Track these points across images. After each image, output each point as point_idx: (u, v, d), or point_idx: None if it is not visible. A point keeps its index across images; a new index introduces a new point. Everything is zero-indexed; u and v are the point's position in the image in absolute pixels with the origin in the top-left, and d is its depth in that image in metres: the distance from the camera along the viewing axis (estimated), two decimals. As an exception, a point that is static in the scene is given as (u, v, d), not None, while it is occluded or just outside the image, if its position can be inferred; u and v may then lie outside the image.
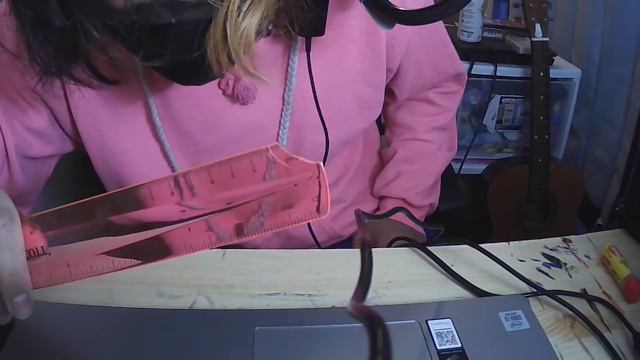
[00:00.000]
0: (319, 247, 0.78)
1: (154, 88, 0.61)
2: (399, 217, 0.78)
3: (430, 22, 0.51)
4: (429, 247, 0.64)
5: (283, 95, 0.64)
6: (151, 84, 0.61)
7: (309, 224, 0.74)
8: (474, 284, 0.59)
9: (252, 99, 0.63)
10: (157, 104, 0.62)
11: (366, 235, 0.36)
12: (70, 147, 0.68)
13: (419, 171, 0.85)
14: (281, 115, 0.65)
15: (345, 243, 0.84)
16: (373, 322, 0.26)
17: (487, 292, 0.58)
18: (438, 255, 0.63)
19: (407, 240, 0.68)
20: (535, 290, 0.58)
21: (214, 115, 0.63)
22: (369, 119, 0.73)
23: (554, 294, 0.57)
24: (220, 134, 0.65)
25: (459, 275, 0.60)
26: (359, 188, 0.85)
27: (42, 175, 0.69)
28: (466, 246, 0.64)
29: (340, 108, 0.68)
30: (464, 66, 0.89)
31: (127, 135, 0.64)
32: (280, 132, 0.66)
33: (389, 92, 0.80)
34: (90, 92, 0.57)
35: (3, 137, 0.61)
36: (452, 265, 0.62)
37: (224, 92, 0.62)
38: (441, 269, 0.62)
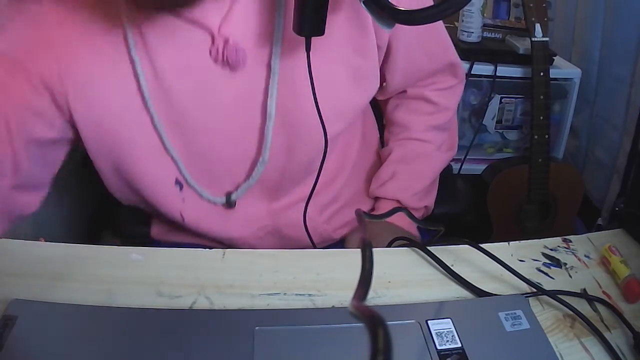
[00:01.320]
0: (314, 247, 0.78)
1: (142, 58, 0.61)
2: (396, 218, 0.78)
3: (430, 22, 0.51)
4: (429, 247, 0.64)
5: (269, 62, 0.64)
6: (139, 50, 0.61)
7: (305, 225, 0.74)
8: (474, 284, 0.59)
9: (242, 64, 0.62)
10: (147, 77, 0.62)
11: (367, 234, 0.36)
12: (71, 134, 0.67)
13: (415, 172, 0.84)
14: (269, 82, 0.65)
15: (339, 244, 0.84)
16: (374, 322, 0.26)
17: (487, 292, 0.58)
18: (438, 255, 0.63)
19: (406, 241, 0.68)
20: (535, 290, 0.58)
21: (205, 85, 0.64)
22: (363, 95, 0.72)
23: (554, 294, 0.57)
24: (210, 107, 0.65)
25: (459, 275, 0.60)
26: (354, 188, 0.84)
27: (49, 162, 0.68)
28: (466, 246, 0.64)
29: (330, 76, 0.67)
30: (464, 66, 0.89)
31: (119, 111, 0.64)
32: (268, 101, 0.65)
33: (383, 80, 0.79)
34: (80, 62, 0.58)
35: (7, 122, 0.60)
36: (452, 265, 0.62)
37: (214, 61, 0.62)
38: (441, 269, 0.62)
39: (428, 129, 0.85)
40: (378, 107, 0.91)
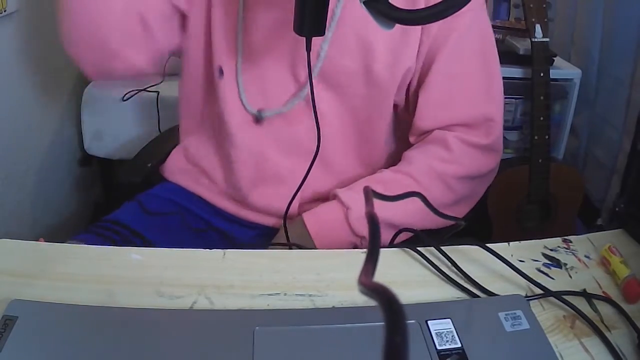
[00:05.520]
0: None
1: None
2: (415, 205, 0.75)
3: (430, 22, 0.51)
4: (429, 248, 0.64)
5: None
6: None
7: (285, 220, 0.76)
8: (474, 284, 0.59)
9: None
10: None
11: (373, 209, 0.36)
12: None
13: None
14: (327, 27, 0.70)
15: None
16: (386, 298, 0.25)
17: (488, 292, 0.58)
18: (439, 255, 0.63)
19: (413, 233, 0.67)
20: (542, 292, 0.58)
21: None
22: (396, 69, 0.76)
23: (558, 295, 0.57)
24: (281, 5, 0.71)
25: (459, 275, 0.60)
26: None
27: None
28: (466, 246, 0.64)
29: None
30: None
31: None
32: (322, 41, 0.73)
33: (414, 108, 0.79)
34: None
35: None
36: (453, 265, 0.62)
37: None
38: (441, 269, 0.62)
39: (428, 172, 0.77)
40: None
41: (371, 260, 0.30)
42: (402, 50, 0.76)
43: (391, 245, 0.69)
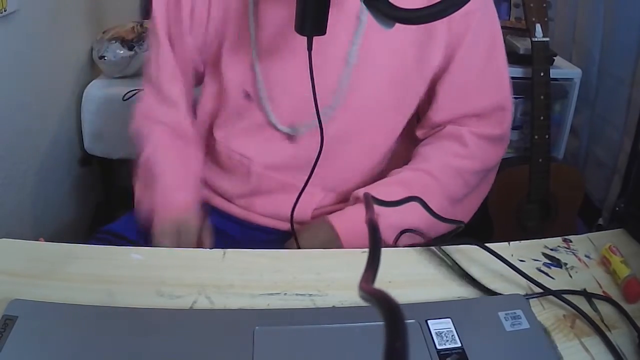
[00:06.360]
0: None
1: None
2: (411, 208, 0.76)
3: (430, 22, 0.51)
4: (430, 247, 0.64)
5: (358, 14, 0.72)
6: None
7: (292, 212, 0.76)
8: (474, 283, 0.59)
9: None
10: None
11: (374, 216, 0.36)
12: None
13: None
14: (354, 34, 0.73)
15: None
16: (386, 304, 0.25)
17: (488, 292, 0.58)
18: (439, 255, 0.63)
19: (415, 233, 0.67)
20: (542, 290, 0.58)
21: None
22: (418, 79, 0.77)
23: (558, 294, 0.57)
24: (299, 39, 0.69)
25: (460, 275, 0.60)
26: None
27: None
28: (466, 246, 0.64)
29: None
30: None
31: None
32: (351, 48, 0.73)
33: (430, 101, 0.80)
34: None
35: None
36: (453, 265, 0.62)
37: None
38: (441, 269, 0.62)
39: (445, 168, 0.78)
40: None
41: (372, 266, 0.30)
42: (429, 53, 0.76)
43: (399, 239, 0.69)
